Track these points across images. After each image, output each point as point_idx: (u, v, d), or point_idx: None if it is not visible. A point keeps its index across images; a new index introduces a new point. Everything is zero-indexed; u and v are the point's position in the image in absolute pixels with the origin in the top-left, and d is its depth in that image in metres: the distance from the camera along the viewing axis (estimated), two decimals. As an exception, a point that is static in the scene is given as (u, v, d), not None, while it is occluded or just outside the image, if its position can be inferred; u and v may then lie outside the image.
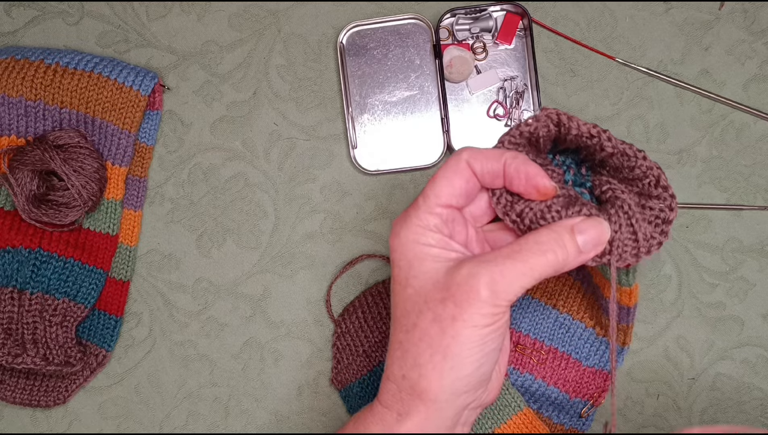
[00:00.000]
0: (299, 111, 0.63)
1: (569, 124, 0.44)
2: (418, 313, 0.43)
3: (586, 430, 0.60)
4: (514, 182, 0.44)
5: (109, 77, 0.60)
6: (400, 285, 0.44)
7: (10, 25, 0.63)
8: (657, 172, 0.44)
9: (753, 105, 0.63)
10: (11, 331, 0.58)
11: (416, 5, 0.63)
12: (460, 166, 0.44)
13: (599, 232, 0.43)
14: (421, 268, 0.43)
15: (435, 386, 0.42)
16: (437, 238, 0.43)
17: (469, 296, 0.41)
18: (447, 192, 0.43)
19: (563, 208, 0.43)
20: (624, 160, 0.44)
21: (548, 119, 0.44)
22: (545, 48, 0.63)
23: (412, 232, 0.43)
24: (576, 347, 0.60)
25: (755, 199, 0.63)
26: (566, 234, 0.43)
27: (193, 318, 0.63)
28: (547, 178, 0.43)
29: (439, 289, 0.42)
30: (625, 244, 0.44)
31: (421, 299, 0.43)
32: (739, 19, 0.63)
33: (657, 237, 0.44)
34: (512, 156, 0.43)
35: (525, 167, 0.43)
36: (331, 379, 0.61)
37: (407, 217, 0.44)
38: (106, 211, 0.61)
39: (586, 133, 0.44)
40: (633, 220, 0.43)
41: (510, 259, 0.41)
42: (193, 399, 0.62)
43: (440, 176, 0.44)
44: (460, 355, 0.42)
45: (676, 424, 0.62)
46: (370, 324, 0.61)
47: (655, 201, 0.44)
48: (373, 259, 0.62)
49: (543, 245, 0.42)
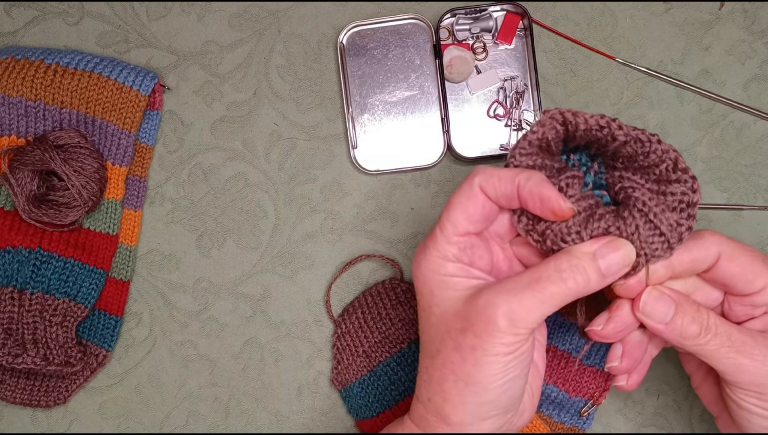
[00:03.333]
0: (299, 111, 0.63)
1: (576, 121, 0.43)
2: (440, 340, 0.43)
3: (587, 428, 0.60)
4: (529, 205, 0.42)
5: (109, 77, 0.60)
6: (425, 312, 0.45)
7: (10, 25, 0.63)
8: (674, 155, 0.42)
9: (753, 105, 0.63)
10: (11, 331, 0.58)
11: (416, 5, 0.63)
12: (473, 191, 0.43)
13: (622, 256, 0.42)
14: (441, 297, 0.43)
15: (459, 411, 0.43)
16: (457, 268, 0.43)
17: (488, 326, 0.41)
18: (463, 219, 0.43)
19: (583, 227, 0.42)
20: (638, 147, 0.42)
21: (553, 121, 0.43)
22: (545, 48, 0.63)
23: (432, 263, 0.43)
24: (576, 346, 0.60)
25: (755, 199, 0.63)
26: (587, 260, 0.42)
27: (193, 318, 0.63)
28: (563, 199, 0.42)
29: (459, 318, 0.42)
30: (650, 242, 0.42)
31: (443, 327, 0.43)
32: (739, 19, 0.63)
33: (684, 223, 0.42)
34: (526, 177, 0.42)
35: (539, 189, 0.42)
36: (332, 380, 0.61)
37: (426, 248, 0.44)
38: (106, 211, 0.61)
39: (594, 126, 0.43)
40: (651, 215, 0.42)
41: (529, 289, 0.41)
42: (193, 399, 0.62)
43: (454, 204, 0.43)
44: (483, 382, 0.42)
45: (676, 424, 0.62)
46: (370, 324, 0.61)
47: (675, 185, 0.42)
48: (372, 259, 0.62)
49: (563, 273, 0.41)
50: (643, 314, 0.44)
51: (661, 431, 0.62)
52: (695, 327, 0.43)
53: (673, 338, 0.44)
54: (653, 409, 0.62)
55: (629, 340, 0.47)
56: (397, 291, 0.61)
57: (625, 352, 0.46)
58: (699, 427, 0.62)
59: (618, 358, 0.47)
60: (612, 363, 0.47)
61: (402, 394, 0.60)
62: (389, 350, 0.60)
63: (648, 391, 0.62)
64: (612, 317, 0.45)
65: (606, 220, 0.42)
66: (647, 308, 0.44)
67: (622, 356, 0.46)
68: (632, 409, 0.62)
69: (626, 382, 0.48)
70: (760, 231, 0.63)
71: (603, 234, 0.42)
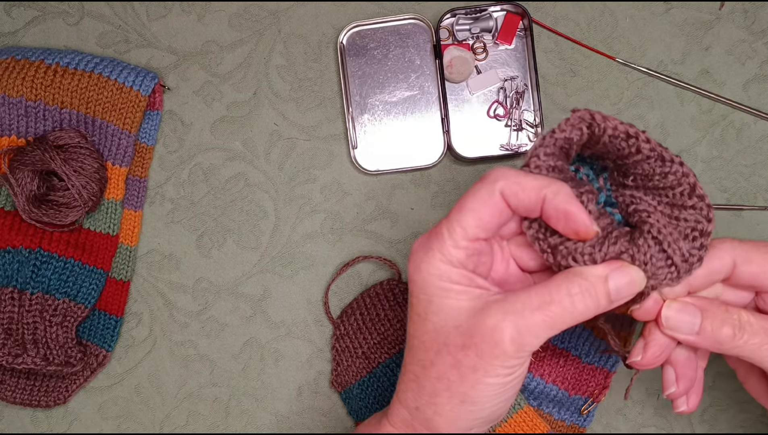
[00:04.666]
0: (299, 111, 0.63)
1: (605, 125, 0.39)
2: (436, 352, 0.41)
3: (587, 426, 0.60)
4: (552, 220, 0.40)
5: (109, 77, 0.60)
6: (419, 317, 0.42)
7: (11, 25, 0.63)
8: (693, 180, 0.40)
9: (753, 105, 0.63)
10: (11, 332, 0.58)
11: (416, 5, 0.63)
12: (493, 198, 0.40)
13: (632, 283, 0.40)
14: (441, 306, 0.41)
15: (450, 425, 0.42)
16: (461, 275, 0.41)
17: (493, 350, 0.39)
18: (476, 225, 0.40)
19: (597, 249, 0.40)
20: (657, 165, 0.40)
21: (582, 121, 0.40)
22: (545, 48, 0.63)
23: (435, 268, 0.41)
24: (575, 344, 0.60)
25: (755, 199, 0.63)
26: (600, 285, 0.40)
27: (194, 318, 0.63)
28: (590, 221, 0.39)
29: (461, 334, 0.40)
30: (660, 270, 0.40)
31: (440, 338, 0.41)
32: (739, 19, 0.63)
33: (696, 253, 0.40)
34: (553, 192, 0.39)
35: (566, 207, 0.39)
36: (331, 382, 0.61)
37: (429, 249, 0.41)
38: (106, 212, 0.61)
39: (622, 134, 0.39)
40: (665, 244, 0.40)
41: (539, 311, 0.39)
42: (193, 399, 0.62)
43: (469, 208, 0.40)
44: (479, 402, 0.41)
45: (676, 423, 0.62)
46: (369, 326, 0.61)
47: (690, 211, 0.40)
48: (369, 260, 0.62)
49: (575, 297, 0.39)
50: (669, 329, 0.42)
51: (661, 431, 0.62)
52: (728, 329, 0.42)
53: (710, 345, 0.42)
54: (653, 409, 0.62)
55: (677, 359, 0.44)
56: (395, 292, 0.61)
57: (678, 374, 0.44)
58: (699, 427, 0.62)
59: (674, 383, 0.44)
60: (670, 390, 0.45)
61: None
62: (388, 351, 0.60)
63: (648, 391, 0.62)
64: (648, 343, 0.43)
65: (621, 245, 0.40)
66: (671, 322, 0.42)
67: (677, 380, 0.44)
68: (632, 409, 0.62)
69: (687, 405, 0.45)
70: (760, 231, 0.63)
71: (615, 258, 0.40)
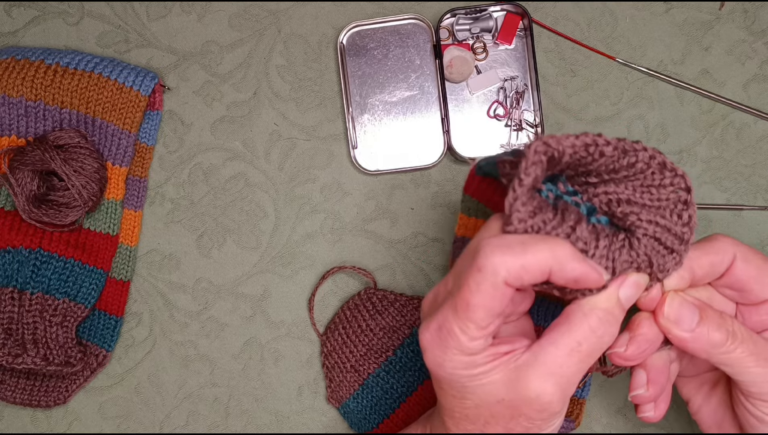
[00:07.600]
0: (299, 111, 0.63)
1: (562, 148, 0.38)
2: (484, 423, 0.42)
3: (585, 396, 0.59)
4: (561, 285, 0.40)
5: (109, 77, 0.60)
6: (455, 398, 0.42)
7: (11, 25, 0.63)
8: (661, 158, 0.40)
9: (753, 105, 0.63)
10: (11, 331, 0.58)
11: (416, 5, 0.63)
12: (499, 291, 0.38)
13: (639, 287, 0.41)
14: (476, 388, 0.41)
15: None
16: (485, 356, 0.40)
17: (542, 414, 0.40)
18: (486, 316, 0.39)
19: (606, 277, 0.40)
20: (623, 159, 0.40)
21: (538, 154, 0.38)
22: (545, 48, 0.63)
23: (458, 362, 0.40)
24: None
25: (755, 199, 0.63)
26: (615, 307, 0.40)
27: (194, 318, 0.63)
28: (598, 273, 0.39)
29: (506, 407, 0.40)
30: (663, 262, 0.41)
31: (485, 412, 0.41)
32: (739, 19, 0.63)
33: (687, 229, 0.41)
34: (558, 265, 0.38)
35: (573, 275, 0.38)
36: (328, 398, 0.61)
37: (447, 348, 0.40)
38: (106, 211, 0.61)
39: (581, 149, 0.39)
40: (663, 239, 0.40)
41: (571, 358, 0.39)
42: (193, 399, 0.62)
43: (476, 304, 0.38)
44: None
45: (676, 424, 0.62)
46: (353, 338, 0.60)
47: (669, 188, 0.41)
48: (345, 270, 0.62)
49: (598, 331, 0.40)
50: (669, 321, 0.42)
51: (661, 431, 0.62)
52: (721, 334, 0.41)
53: (700, 347, 0.42)
54: (653, 409, 0.62)
55: (653, 365, 0.44)
56: (373, 300, 0.61)
57: (651, 378, 0.44)
58: (699, 427, 0.62)
59: (644, 386, 0.44)
60: (637, 391, 0.44)
61: (396, 401, 0.60)
62: (376, 361, 0.60)
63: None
64: (634, 337, 0.42)
65: (624, 257, 0.40)
66: (673, 314, 0.42)
67: (648, 383, 0.44)
68: (632, 409, 0.62)
69: (653, 412, 0.45)
70: (760, 231, 0.63)
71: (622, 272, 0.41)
